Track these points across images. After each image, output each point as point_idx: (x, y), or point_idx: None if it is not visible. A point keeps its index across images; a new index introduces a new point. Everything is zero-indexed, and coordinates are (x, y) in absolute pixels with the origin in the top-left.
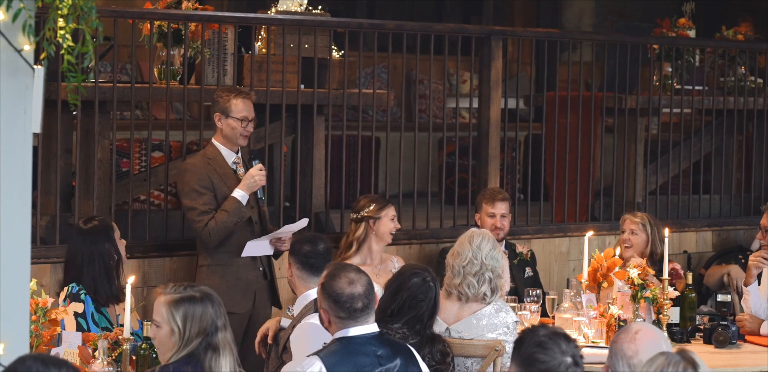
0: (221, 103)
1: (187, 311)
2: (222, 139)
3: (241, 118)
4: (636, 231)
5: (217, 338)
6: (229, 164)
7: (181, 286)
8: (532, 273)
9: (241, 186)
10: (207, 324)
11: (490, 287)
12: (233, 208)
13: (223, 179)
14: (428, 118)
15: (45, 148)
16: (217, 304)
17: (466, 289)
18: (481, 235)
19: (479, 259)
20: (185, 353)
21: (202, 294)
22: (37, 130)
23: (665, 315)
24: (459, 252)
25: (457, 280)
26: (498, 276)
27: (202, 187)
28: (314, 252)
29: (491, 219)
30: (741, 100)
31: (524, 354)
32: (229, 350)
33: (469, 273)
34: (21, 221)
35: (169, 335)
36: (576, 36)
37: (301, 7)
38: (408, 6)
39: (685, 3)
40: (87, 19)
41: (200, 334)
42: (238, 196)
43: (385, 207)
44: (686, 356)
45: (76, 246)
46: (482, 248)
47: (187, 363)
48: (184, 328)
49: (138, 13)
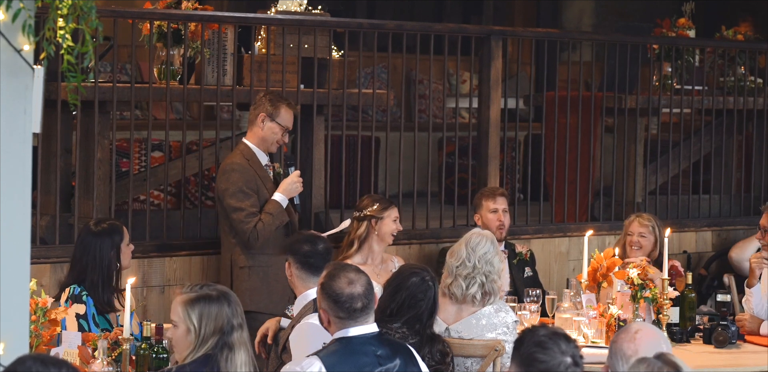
0: (269, 106)
1: (202, 310)
2: (257, 139)
3: (285, 126)
4: (645, 233)
5: (233, 337)
6: (263, 166)
7: (198, 285)
8: (531, 273)
9: (282, 190)
10: (223, 323)
11: (481, 291)
12: (278, 212)
13: (262, 180)
14: (428, 118)
15: (45, 148)
16: (234, 304)
17: (455, 289)
18: (481, 237)
19: (472, 262)
20: (202, 353)
21: (218, 293)
22: (37, 130)
23: (665, 315)
24: (455, 251)
25: (449, 279)
26: (492, 281)
27: (248, 188)
28: (313, 251)
29: (494, 214)
30: (741, 100)
31: (524, 354)
32: (245, 349)
33: (460, 274)
34: (21, 221)
35: (186, 334)
36: (576, 36)
37: (300, 7)
38: (408, 6)
39: (685, 3)
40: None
41: (216, 333)
42: (280, 199)
43: (388, 207)
44: (666, 359)
45: (83, 247)
46: (477, 251)
47: (204, 364)
48: (200, 327)
49: (138, 13)
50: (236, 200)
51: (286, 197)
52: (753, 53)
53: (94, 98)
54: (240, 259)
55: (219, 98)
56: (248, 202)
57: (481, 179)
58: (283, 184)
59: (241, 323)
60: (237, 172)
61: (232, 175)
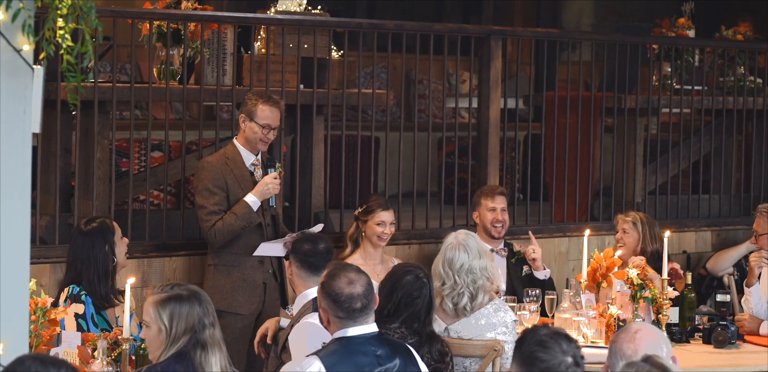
0: (249, 106)
1: (173, 310)
2: (242, 139)
3: (264, 124)
4: (627, 230)
5: (205, 335)
6: (247, 166)
7: (169, 285)
8: (530, 271)
9: (255, 191)
10: (194, 322)
11: (470, 301)
12: (243, 212)
13: (239, 180)
14: (428, 118)
15: (44, 148)
16: (206, 303)
17: (446, 307)
18: (454, 249)
19: (451, 279)
20: (174, 352)
21: (189, 292)
22: (37, 130)
23: (664, 315)
24: (436, 273)
25: (438, 299)
26: (480, 286)
27: (215, 186)
28: (314, 251)
29: (492, 213)
30: (740, 100)
31: (525, 353)
32: (218, 347)
33: (447, 295)
34: (21, 221)
35: (157, 334)
36: (575, 36)
37: (300, 7)
38: (408, 6)
39: (684, 3)
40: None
41: (187, 331)
42: (250, 201)
43: (373, 211)
44: (655, 362)
45: (76, 248)
46: (453, 266)
47: (176, 361)
48: (171, 326)
49: (137, 13)
50: (201, 198)
51: (258, 199)
52: (753, 53)
53: (94, 98)
54: (209, 257)
55: (219, 98)
56: (212, 200)
57: (480, 179)
58: (258, 185)
59: (213, 322)
60: (206, 171)
61: (201, 174)
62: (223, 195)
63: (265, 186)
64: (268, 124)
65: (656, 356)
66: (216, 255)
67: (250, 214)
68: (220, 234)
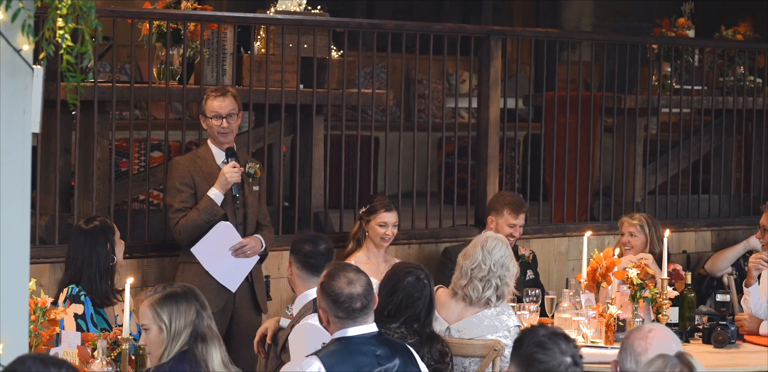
0: (201, 106)
1: (171, 306)
2: (211, 138)
3: (212, 116)
4: (635, 233)
5: (203, 327)
6: (218, 164)
7: (160, 286)
8: (533, 275)
9: (216, 185)
10: (193, 315)
11: (495, 294)
12: (205, 206)
13: (207, 178)
14: (427, 118)
15: (44, 147)
16: (200, 296)
17: (470, 292)
18: (496, 241)
19: (488, 265)
20: (177, 350)
21: (183, 289)
22: (37, 130)
23: (664, 315)
24: (470, 254)
25: (463, 281)
26: (505, 284)
27: (182, 184)
28: (315, 252)
29: (511, 229)
30: (740, 99)
31: (524, 354)
32: (217, 340)
33: (476, 277)
34: (20, 221)
35: (158, 333)
36: (575, 36)
37: (300, 6)
38: (407, 6)
39: (684, 3)
40: (86, 18)
41: (187, 326)
42: (212, 194)
43: (375, 212)
44: (684, 359)
45: (77, 247)
46: (493, 254)
47: (182, 361)
48: (171, 323)
49: (137, 12)
50: (169, 196)
51: (220, 192)
52: (752, 53)
53: (94, 98)
54: (180, 254)
55: None
56: (178, 198)
57: (480, 179)
58: (218, 177)
59: (209, 315)
60: (174, 169)
61: (170, 173)
62: (190, 192)
63: (224, 176)
64: (217, 113)
65: (688, 354)
66: (184, 252)
67: (212, 208)
68: (185, 230)
